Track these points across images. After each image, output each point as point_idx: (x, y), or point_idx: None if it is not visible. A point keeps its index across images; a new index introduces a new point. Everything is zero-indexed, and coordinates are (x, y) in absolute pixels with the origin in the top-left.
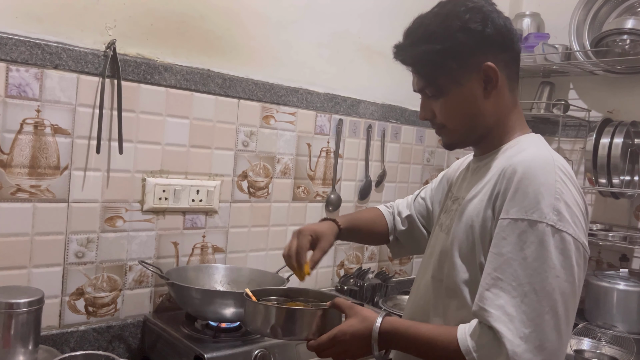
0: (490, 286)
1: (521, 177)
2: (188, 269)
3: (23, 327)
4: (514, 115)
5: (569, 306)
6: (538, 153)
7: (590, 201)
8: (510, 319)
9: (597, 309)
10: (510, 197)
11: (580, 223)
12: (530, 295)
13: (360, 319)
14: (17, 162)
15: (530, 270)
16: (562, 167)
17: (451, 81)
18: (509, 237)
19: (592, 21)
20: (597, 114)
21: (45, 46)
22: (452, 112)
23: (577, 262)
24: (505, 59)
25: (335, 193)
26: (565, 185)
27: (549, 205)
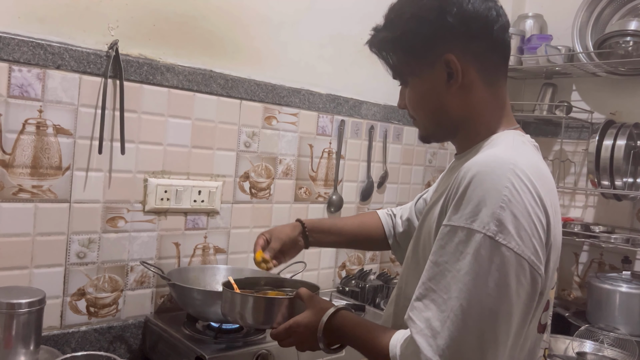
0: (422, 296)
1: (469, 180)
2: (189, 269)
3: (24, 328)
4: (494, 110)
5: (499, 328)
6: (497, 154)
7: (593, 203)
8: (433, 334)
9: (599, 311)
10: (456, 202)
11: (529, 237)
12: (457, 312)
13: (315, 311)
14: (19, 162)
15: (461, 284)
16: (520, 171)
17: (410, 72)
18: (447, 245)
19: (595, 23)
20: (600, 115)
21: (48, 46)
22: (415, 103)
23: (518, 280)
24: (476, 50)
25: (337, 194)
26: (517, 192)
27: (490, 214)
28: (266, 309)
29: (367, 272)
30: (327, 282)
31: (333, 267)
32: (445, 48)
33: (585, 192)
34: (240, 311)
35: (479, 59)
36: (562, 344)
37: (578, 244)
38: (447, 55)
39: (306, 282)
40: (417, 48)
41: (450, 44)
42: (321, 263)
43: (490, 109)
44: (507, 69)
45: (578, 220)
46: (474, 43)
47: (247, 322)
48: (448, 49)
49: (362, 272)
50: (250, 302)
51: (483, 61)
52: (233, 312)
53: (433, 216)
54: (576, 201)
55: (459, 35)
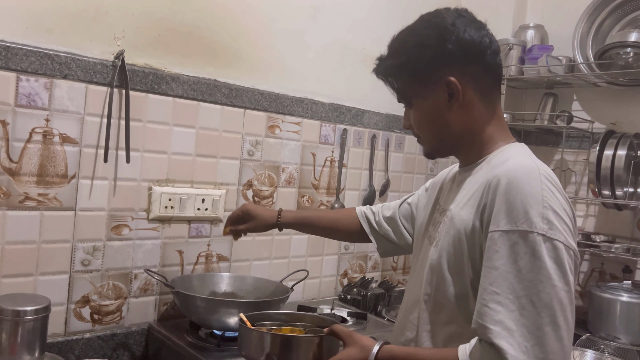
0: (487, 301)
1: (507, 187)
2: (193, 277)
3: (29, 335)
4: (493, 126)
5: (567, 315)
6: (522, 162)
7: (594, 212)
8: (510, 334)
9: (600, 320)
10: (498, 208)
11: (569, 229)
12: (529, 308)
13: (358, 349)
14: (25, 170)
15: (526, 282)
16: (547, 175)
17: (415, 94)
18: (501, 249)
19: (596, 33)
20: (601, 125)
21: (55, 56)
22: (421, 122)
23: (571, 269)
24: (472, 73)
25: (339, 202)
26: (552, 193)
27: (538, 215)
28: (300, 349)
29: (369, 280)
30: (329, 290)
31: (335, 275)
32: (446, 71)
33: (586, 202)
34: (269, 353)
35: (475, 80)
36: None
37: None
38: (447, 77)
39: (323, 318)
40: (421, 72)
41: (450, 68)
42: (323, 271)
43: (489, 124)
44: (500, 88)
45: (579, 229)
46: (470, 66)
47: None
48: (448, 72)
49: (364, 280)
50: (280, 341)
51: (479, 82)
52: (260, 354)
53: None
54: (577, 210)
55: (457, 60)
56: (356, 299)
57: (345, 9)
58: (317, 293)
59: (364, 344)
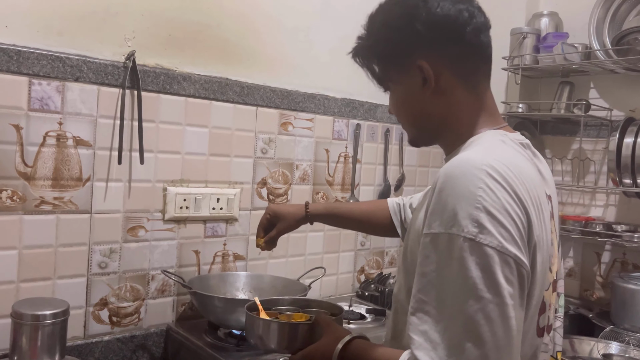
0: (415, 310)
1: (442, 185)
2: (210, 277)
3: (49, 339)
4: (476, 112)
5: (497, 330)
6: (468, 155)
7: (614, 202)
8: (433, 347)
9: (623, 311)
10: (432, 208)
11: (510, 234)
12: (453, 320)
13: (332, 338)
14: (40, 174)
15: (451, 291)
16: (492, 170)
17: (388, 79)
18: (431, 254)
19: (612, 19)
20: (619, 113)
21: (66, 59)
22: (398, 109)
23: (507, 278)
24: (451, 54)
25: (354, 198)
26: (491, 191)
27: (467, 217)
28: (286, 334)
29: (386, 276)
30: (346, 286)
31: (352, 272)
32: (418, 54)
33: (606, 191)
34: (260, 335)
35: (454, 63)
36: (586, 346)
37: (600, 243)
38: (419, 61)
39: (332, 304)
40: (391, 55)
41: (422, 50)
42: (340, 268)
43: (471, 110)
44: (488, 69)
45: (599, 219)
46: (447, 47)
47: (267, 346)
48: (421, 55)
49: (381, 276)
50: (270, 326)
51: (459, 65)
52: (253, 336)
53: (418, 222)
54: (597, 200)
55: (431, 41)
56: (374, 296)
57: (355, 2)
58: (335, 290)
59: (337, 335)
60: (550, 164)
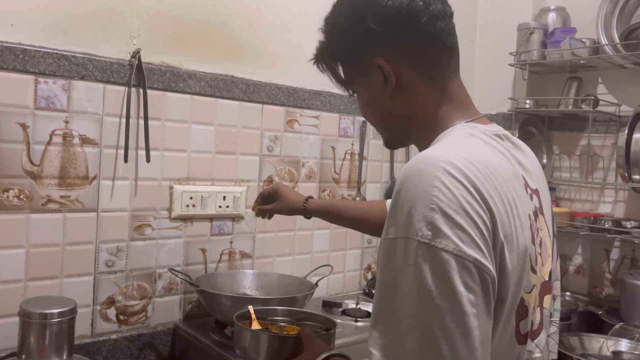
0: (375, 322)
1: (399, 187)
2: (216, 275)
3: (57, 337)
4: (441, 106)
5: (456, 342)
6: (426, 154)
7: (623, 198)
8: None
9: (633, 308)
10: (390, 212)
11: (469, 235)
12: (411, 332)
13: (311, 355)
14: (47, 173)
15: (409, 300)
16: (451, 167)
17: (347, 81)
18: (390, 261)
19: (621, 13)
20: (628, 108)
21: (72, 57)
22: (363, 111)
23: (466, 284)
24: (405, 48)
25: (361, 195)
26: (448, 190)
27: (421, 219)
28: (268, 346)
29: None
30: (352, 284)
31: (359, 270)
32: (374, 52)
33: (614, 187)
34: (243, 344)
35: (411, 57)
36: (596, 343)
37: (609, 240)
38: (376, 59)
39: (327, 319)
40: (348, 57)
41: (377, 48)
42: (347, 266)
43: (438, 105)
44: (451, 58)
45: (608, 215)
46: (401, 41)
47: (249, 356)
48: (377, 52)
49: None
50: (252, 337)
51: (417, 57)
52: (238, 345)
53: None
54: (605, 196)
55: (384, 37)
56: None
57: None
58: (342, 288)
59: (317, 352)
60: (559, 160)
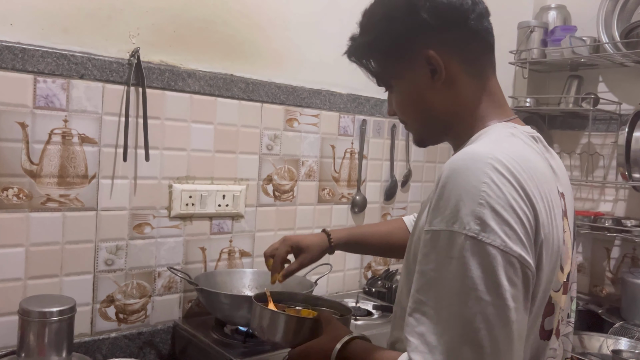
0: (413, 310)
1: (445, 180)
2: (216, 274)
3: (56, 336)
4: (482, 103)
5: (497, 335)
6: (473, 149)
7: (624, 197)
8: (430, 350)
9: (634, 307)
10: (434, 204)
11: (515, 232)
12: (451, 322)
13: (329, 337)
14: (46, 172)
15: (450, 292)
16: (499, 164)
17: (392, 75)
18: (431, 252)
19: (621, 12)
20: (629, 106)
21: (71, 56)
22: (403, 107)
23: (510, 279)
24: (455, 42)
25: (361, 194)
26: (496, 186)
27: (470, 213)
28: (285, 327)
29: (393, 273)
30: (352, 283)
31: (359, 268)
32: (423, 44)
33: (615, 186)
34: (261, 324)
35: (459, 51)
36: (596, 342)
37: (609, 238)
38: (426, 51)
39: (342, 305)
40: (394, 49)
41: (427, 40)
42: (347, 264)
43: (479, 102)
44: (493, 58)
45: (609, 214)
46: (451, 35)
47: (267, 337)
48: (426, 45)
49: (388, 272)
50: (272, 318)
51: (463, 53)
52: (255, 324)
53: (422, 220)
54: (606, 195)
55: (436, 29)
56: (381, 292)
57: None
58: (342, 286)
59: (336, 334)
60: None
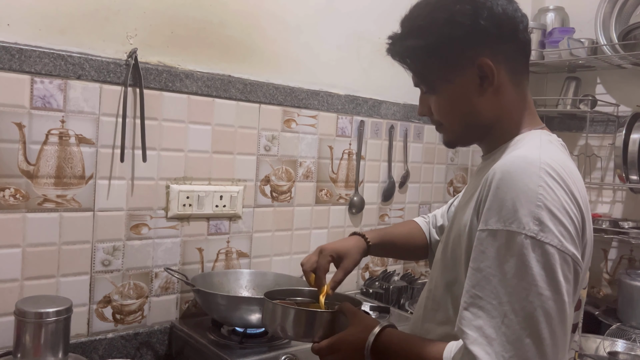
0: (469, 305)
1: (499, 182)
2: (213, 274)
3: (52, 336)
4: (521, 111)
5: (554, 327)
6: (523, 153)
7: (621, 198)
8: (489, 342)
9: (630, 309)
10: (489, 205)
11: (569, 232)
12: (511, 316)
13: (360, 328)
14: (43, 172)
15: (510, 287)
16: (550, 169)
17: (442, 78)
18: (488, 250)
19: (619, 14)
20: (626, 108)
21: (69, 57)
22: (446, 109)
23: (565, 276)
24: (506, 51)
25: (358, 195)
26: (551, 190)
27: (528, 214)
28: (307, 322)
29: (390, 273)
30: (350, 284)
31: (356, 269)
32: (478, 52)
33: (612, 187)
34: (281, 323)
35: (508, 61)
36: (592, 343)
37: (607, 240)
38: (481, 59)
39: (349, 297)
40: (451, 54)
41: (482, 48)
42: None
43: (518, 109)
44: (528, 68)
45: (606, 216)
46: (503, 45)
47: (288, 334)
48: (480, 52)
49: (386, 273)
50: (292, 314)
51: (512, 62)
52: (274, 324)
53: (464, 219)
54: (603, 196)
55: (491, 38)
56: (378, 293)
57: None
58: (339, 287)
59: (367, 324)
60: None
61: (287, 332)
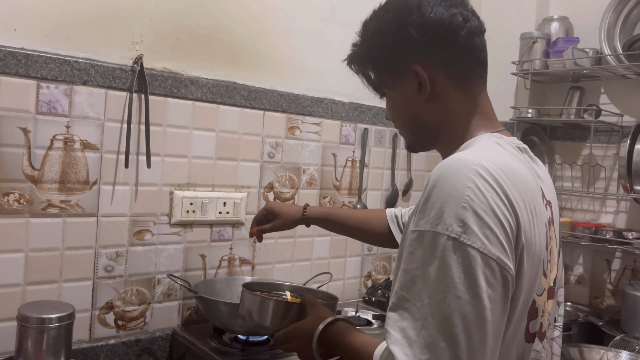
0: (396, 306)
1: (432, 184)
2: (216, 281)
3: (54, 342)
4: (470, 116)
5: (472, 332)
6: (460, 156)
7: (625, 209)
8: (409, 344)
9: (634, 320)
10: (421, 206)
11: (495, 235)
12: (429, 319)
13: (315, 318)
14: (47, 177)
15: (431, 289)
16: (483, 170)
17: (384, 85)
18: (416, 251)
19: (624, 24)
20: (631, 118)
21: (74, 63)
22: (394, 115)
23: (488, 280)
24: (443, 58)
25: (362, 203)
26: (479, 191)
27: (452, 216)
28: (273, 312)
29: None
30: (352, 292)
31: (359, 277)
32: (412, 59)
33: (616, 198)
34: (248, 309)
35: (448, 67)
36: (596, 354)
37: (610, 250)
38: (413, 66)
39: (327, 293)
40: (385, 62)
41: (416, 55)
42: (346, 273)
43: (466, 114)
44: (484, 72)
45: (610, 226)
46: (440, 51)
47: (254, 321)
48: (415, 60)
49: (388, 281)
50: (258, 302)
51: (453, 68)
52: (243, 310)
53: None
54: (607, 207)
55: (424, 45)
56: (381, 301)
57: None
58: (341, 295)
59: (321, 315)
60: (560, 169)
61: (254, 318)
